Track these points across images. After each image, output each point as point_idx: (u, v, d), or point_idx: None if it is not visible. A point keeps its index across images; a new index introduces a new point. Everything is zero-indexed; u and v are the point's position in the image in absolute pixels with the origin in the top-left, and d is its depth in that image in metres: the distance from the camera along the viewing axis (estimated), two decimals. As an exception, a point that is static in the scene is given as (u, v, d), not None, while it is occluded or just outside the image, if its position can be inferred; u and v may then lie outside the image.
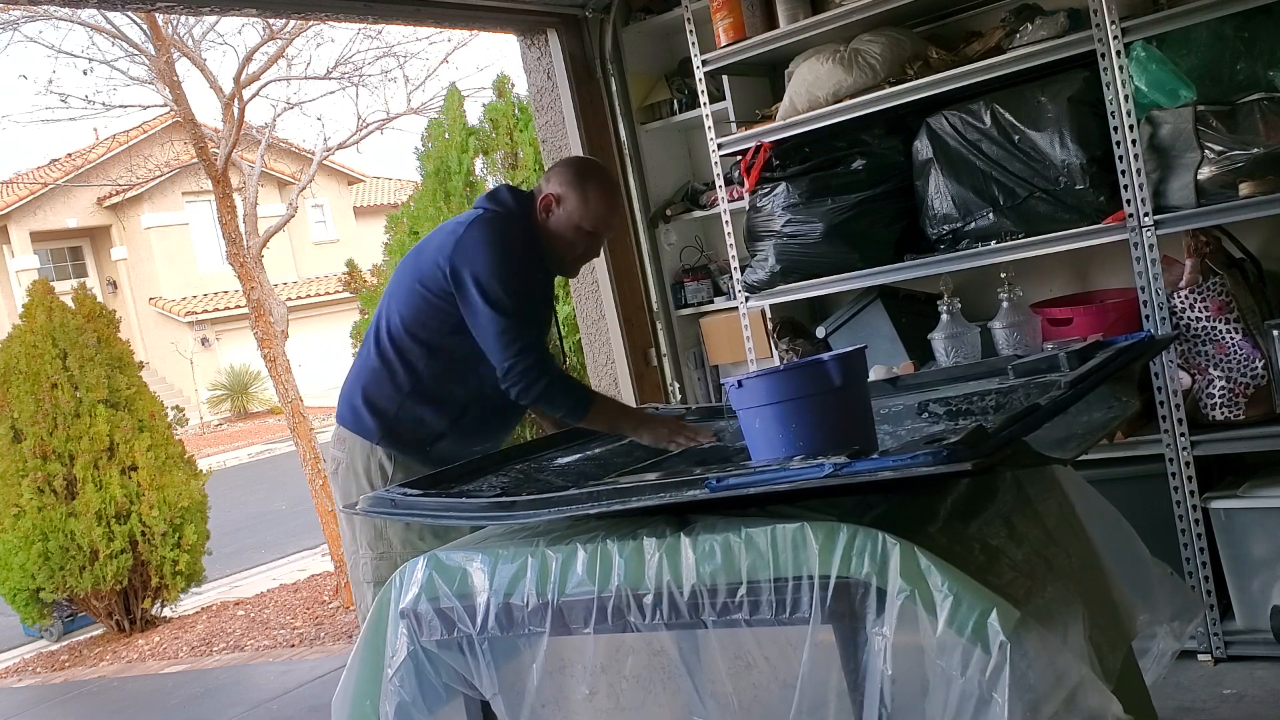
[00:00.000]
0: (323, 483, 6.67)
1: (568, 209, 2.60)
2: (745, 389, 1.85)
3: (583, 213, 2.59)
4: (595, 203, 2.60)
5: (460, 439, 2.63)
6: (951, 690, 1.46)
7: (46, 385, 6.73)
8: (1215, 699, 2.94)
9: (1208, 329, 3.03)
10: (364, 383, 2.66)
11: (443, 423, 2.61)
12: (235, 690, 5.42)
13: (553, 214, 2.61)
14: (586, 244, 2.65)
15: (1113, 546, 2.02)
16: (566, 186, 2.61)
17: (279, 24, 6.97)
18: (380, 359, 2.63)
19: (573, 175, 2.64)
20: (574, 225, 2.60)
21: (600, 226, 2.63)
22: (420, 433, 2.61)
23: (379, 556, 2.59)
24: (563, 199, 2.60)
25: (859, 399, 1.90)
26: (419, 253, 2.64)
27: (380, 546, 2.59)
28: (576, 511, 1.76)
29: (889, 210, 3.49)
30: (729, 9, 3.63)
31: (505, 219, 2.58)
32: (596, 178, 2.67)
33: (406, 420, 2.60)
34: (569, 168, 2.69)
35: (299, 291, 24.21)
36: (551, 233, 2.62)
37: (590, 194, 2.60)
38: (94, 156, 22.06)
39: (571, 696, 1.84)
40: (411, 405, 2.60)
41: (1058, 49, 3.09)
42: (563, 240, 2.62)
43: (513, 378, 2.48)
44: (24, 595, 6.84)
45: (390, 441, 2.61)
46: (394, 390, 2.61)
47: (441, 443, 2.62)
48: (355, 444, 2.64)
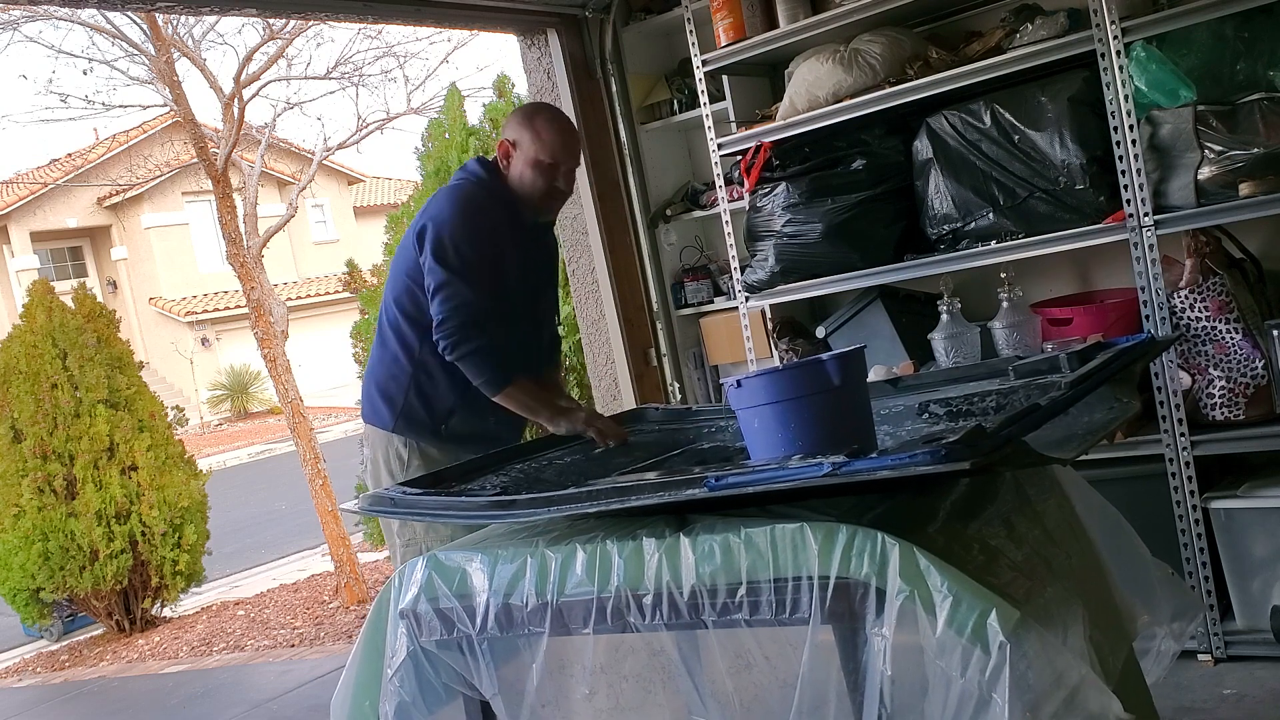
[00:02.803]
0: (323, 483, 6.67)
1: (522, 149, 2.67)
2: (744, 389, 1.85)
3: (537, 146, 2.65)
4: (546, 133, 2.66)
5: (471, 412, 2.68)
6: (951, 690, 1.46)
7: (46, 385, 6.73)
8: (1215, 699, 2.94)
9: (1208, 329, 3.03)
10: (375, 374, 2.76)
11: (451, 397, 2.67)
12: (235, 690, 5.42)
13: (512, 160, 2.69)
14: (548, 179, 2.69)
15: (1113, 547, 2.02)
16: (517, 128, 2.69)
17: (279, 24, 6.97)
18: (383, 346, 2.73)
19: (520, 117, 2.72)
20: (532, 161, 2.66)
21: (557, 155, 2.68)
22: (431, 411, 2.68)
23: (406, 544, 2.67)
24: (517, 142, 2.68)
25: (858, 399, 1.90)
26: (403, 245, 2.73)
27: (406, 534, 2.67)
28: (576, 511, 1.76)
29: (889, 210, 3.49)
30: (729, 9, 3.63)
31: (472, 185, 2.69)
32: (543, 112, 2.77)
33: (416, 401, 2.68)
34: (516, 113, 2.77)
35: (299, 291, 24.21)
36: (515, 180, 2.69)
37: (539, 127, 2.67)
38: (94, 156, 22.08)
39: (571, 696, 1.84)
40: (418, 385, 2.68)
41: (1058, 49, 3.09)
42: (526, 182, 2.68)
43: (441, 331, 2.56)
44: (24, 595, 6.84)
45: (405, 427, 2.69)
46: (399, 373, 2.69)
47: (453, 419, 2.69)
48: (376, 437, 2.74)
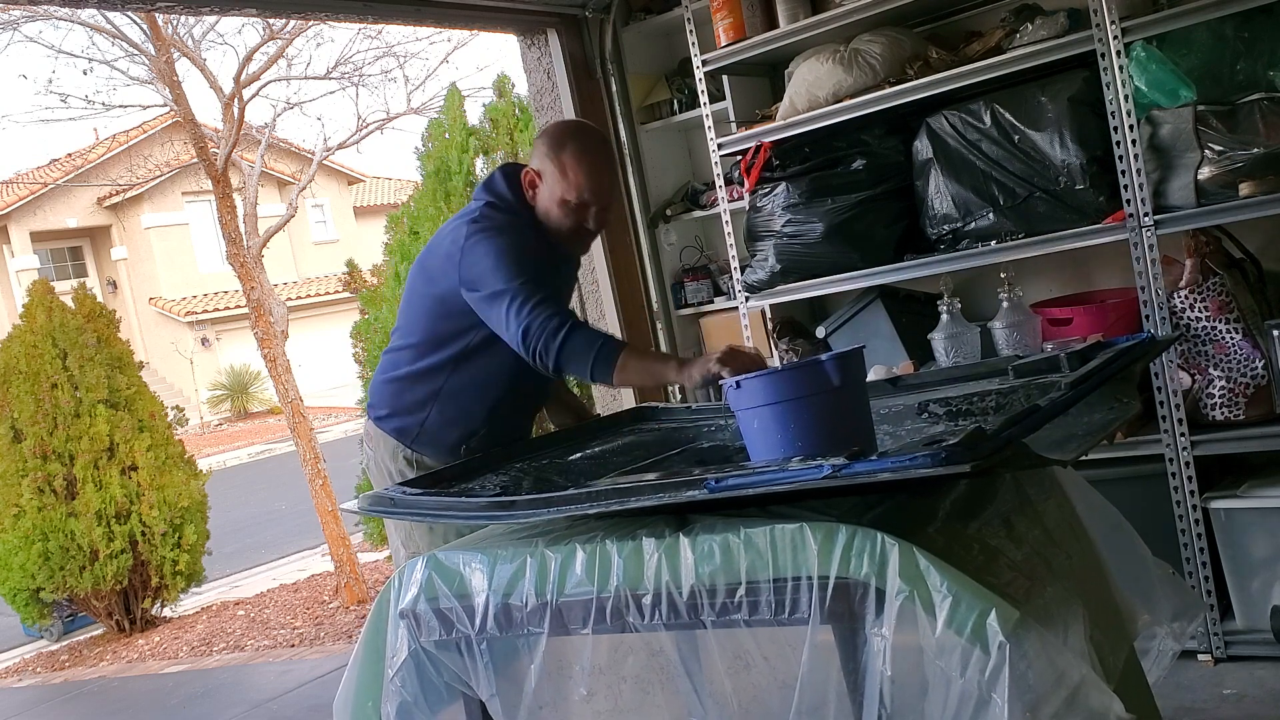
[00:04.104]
0: (323, 483, 6.67)
1: (548, 184, 2.37)
2: (744, 390, 1.84)
3: (563, 184, 2.35)
4: (573, 171, 2.34)
5: (492, 435, 2.51)
6: (951, 691, 1.46)
7: (46, 385, 6.73)
8: (1215, 699, 2.94)
9: (1208, 329, 3.03)
10: (395, 387, 2.55)
11: (478, 419, 2.49)
12: (235, 690, 5.42)
13: (537, 192, 2.40)
14: (575, 219, 2.38)
15: (1113, 547, 2.02)
16: (543, 159, 2.37)
17: (279, 24, 6.97)
18: (411, 362, 2.51)
19: (547, 145, 2.38)
20: (558, 200, 2.36)
21: (584, 196, 2.36)
22: (454, 432, 2.50)
23: (410, 556, 2.58)
24: (542, 174, 2.38)
25: (858, 399, 1.89)
26: (426, 266, 2.49)
27: (411, 546, 2.53)
28: (576, 511, 1.76)
29: (889, 210, 3.49)
30: (729, 9, 3.63)
31: (501, 216, 2.39)
32: (573, 143, 2.38)
33: (438, 421, 2.50)
34: (545, 137, 2.42)
35: (299, 291, 24.22)
36: (542, 215, 2.40)
37: (566, 161, 2.34)
38: (94, 156, 22.08)
39: (570, 697, 1.83)
40: (442, 406, 2.48)
41: (1058, 49, 3.08)
42: (551, 220, 2.39)
43: (532, 336, 2.20)
44: (24, 595, 6.84)
45: (424, 445, 2.52)
46: (423, 393, 2.50)
47: (474, 439, 2.50)
48: (383, 442, 2.58)
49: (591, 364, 2.21)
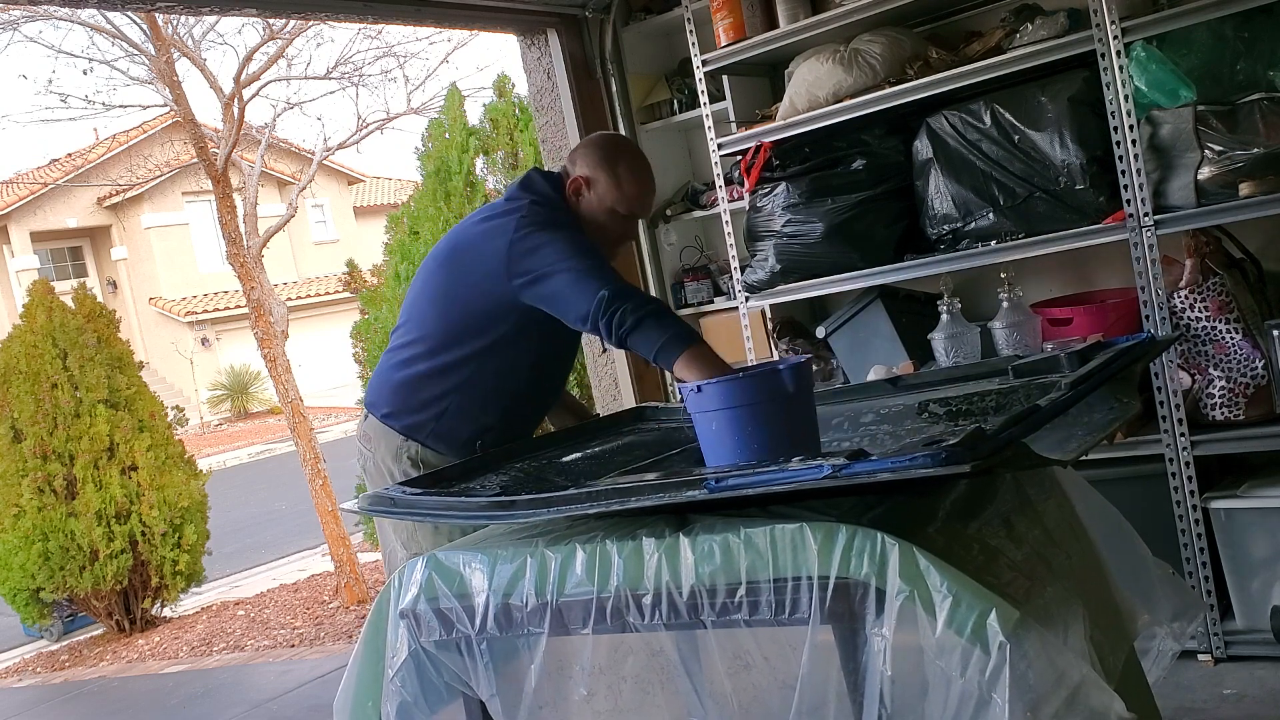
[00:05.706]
0: (323, 483, 6.67)
1: (599, 192, 2.47)
2: (705, 393, 1.89)
3: (616, 195, 2.46)
4: (628, 184, 2.47)
5: (505, 432, 2.52)
6: (951, 691, 1.46)
7: (46, 385, 6.73)
8: (1215, 699, 2.94)
9: (1208, 329, 3.03)
10: (410, 383, 2.54)
11: (494, 415, 2.49)
12: (235, 690, 5.42)
13: (583, 198, 2.48)
14: (622, 228, 2.52)
15: (1113, 547, 2.02)
16: (595, 168, 2.47)
17: (279, 24, 6.97)
18: (428, 358, 2.50)
19: (601, 156, 2.48)
20: (607, 209, 2.47)
21: (635, 208, 2.50)
22: (467, 429, 2.50)
23: (411, 556, 2.57)
24: (593, 181, 2.47)
25: (808, 407, 1.96)
26: (454, 262, 2.49)
27: (414, 546, 2.52)
28: (576, 511, 1.76)
29: (889, 210, 3.49)
30: (729, 9, 3.63)
31: (551, 213, 2.43)
32: (627, 157, 2.51)
33: (454, 416, 2.49)
34: (597, 148, 2.53)
35: (299, 291, 24.22)
36: (584, 217, 2.48)
37: (622, 174, 2.46)
38: (94, 156, 22.08)
39: (570, 697, 1.83)
40: (459, 401, 2.48)
41: (1058, 49, 3.08)
42: (595, 224, 2.48)
43: (618, 299, 2.21)
44: (24, 595, 6.84)
45: (436, 441, 2.51)
46: (441, 388, 2.49)
47: (488, 436, 2.50)
48: (387, 439, 2.56)
49: (663, 343, 2.20)
